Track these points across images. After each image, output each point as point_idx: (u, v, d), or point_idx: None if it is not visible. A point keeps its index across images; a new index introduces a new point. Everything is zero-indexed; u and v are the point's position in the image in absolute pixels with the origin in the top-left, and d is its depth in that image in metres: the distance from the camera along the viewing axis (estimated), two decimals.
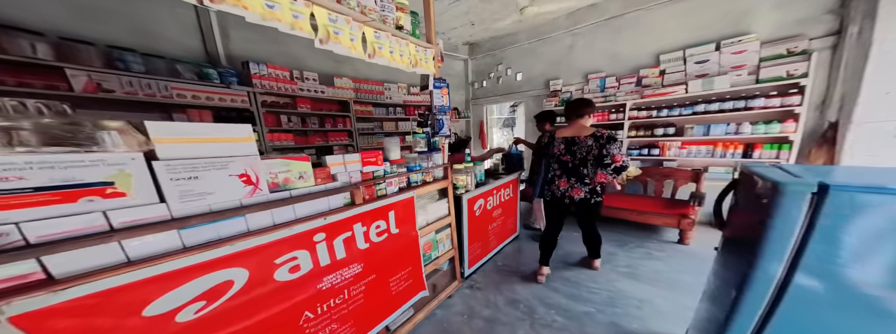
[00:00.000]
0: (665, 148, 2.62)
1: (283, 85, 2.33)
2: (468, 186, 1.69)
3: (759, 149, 2.11)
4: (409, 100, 3.34)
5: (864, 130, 1.60)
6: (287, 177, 0.84)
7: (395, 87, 3.24)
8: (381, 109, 3.13)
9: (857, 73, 1.59)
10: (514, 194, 2.28)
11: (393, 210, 1.16)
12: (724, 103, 2.21)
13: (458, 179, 1.62)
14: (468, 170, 1.70)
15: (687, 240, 2.07)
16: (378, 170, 1.12)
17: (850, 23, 1.63)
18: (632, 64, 2.84)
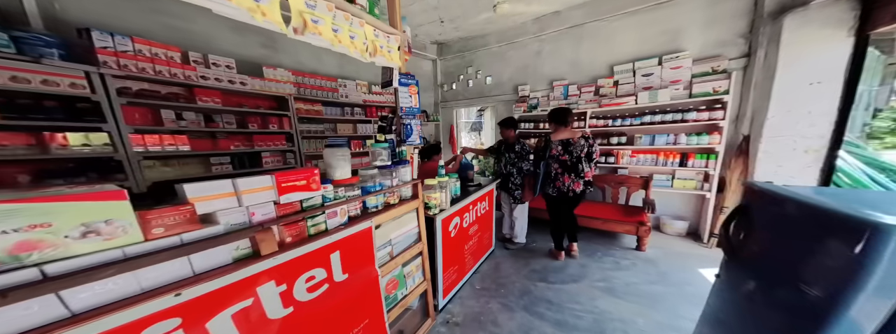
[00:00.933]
0: (619, 156, 2.94)
1: (170, 69, 1.76)
2: (442, 205, 1.52)
3: (692, 158, 2.47)
4: (370, 100, 3.28)
5: (773, 143, 1.96)
6: (39, 239, 0.45)
7: (353, 85, 3.06)
8: (335, 109, 2.94)
9: (766, 92, 1.95)
10: (490, 206, 2.35)
11: (338, 250, 0.94)
12: (666, 115, 2.55)
13: (430, 198, 1.45)
14: (443, 184, 1.52)
15: (644, 246, 2.35)
16: (311, 198, 0.86)
17: (758, 47, 2.00)
18: (591, 73, 3.15)
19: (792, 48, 1.80)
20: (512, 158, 2.32)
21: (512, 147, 2.34)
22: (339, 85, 2.91)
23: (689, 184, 2.59)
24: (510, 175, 2.34)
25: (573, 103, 3.17)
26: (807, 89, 1.79)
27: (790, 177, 1.92)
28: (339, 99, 2.91)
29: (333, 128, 2.94)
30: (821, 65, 1.73)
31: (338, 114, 2.96)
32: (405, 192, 1.32)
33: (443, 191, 1.55)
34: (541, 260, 2.31)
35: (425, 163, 2.35)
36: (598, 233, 2.73)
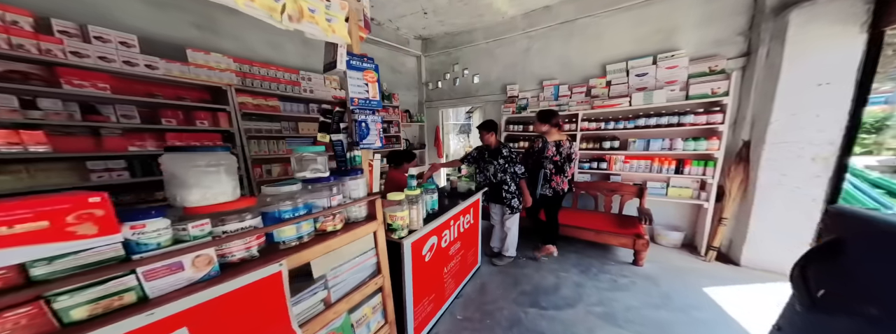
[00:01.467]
0: (612, 161, 2.76)
1: (11, 38, 1.29)
2: (412, 224, 1.24)
3: (688, 165, 2.31)
4: (340, 96, 2.93)
5: (777, 150, 1.81)
6: None
7: (320, 79, 2.70)
8: (298, 105, 2.54)
9: (768, 93, 1.80)
10: (476, 219, 2.09)
11: (184, 326, 0.56)
12: (661, 118, 2.39)
13: (394, 217, 1.16)
14: (413, 199, 1.23)
15: (641, 261, 2.16)
16: (69, 252, 0.45)
17: (760, 45, 1.86)
18: (582, 73, 2.98)
19: (798, 46, 1.65)
20: (502, 164, 2.07)
21: (498, 152, 2.09)
22: (302, 78, 2.54)
23: (685, 193, 2.43)
24: (503, 183, 2.10)
25: (564, 104, 2.98)
26: (814, 91, 1.65)
27: (795, 187, 1.77)
28: (302, 94, 2.53)
29: (294, 126, 2.57)
30: (830, 64, 1.59)
31: (301, 111, 2.59)
32: (356, 213, 1.04)
33: (413, 208, 1.24)
34: (531, 277, 2.07)
35: (393, 170, 2.06)
36: (590, 245, 2.53)
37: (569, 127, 2.95)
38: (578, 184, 2.90)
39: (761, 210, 1.92)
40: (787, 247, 1.85)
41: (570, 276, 2.07)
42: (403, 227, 1.21)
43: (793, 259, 0.76)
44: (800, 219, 1.80)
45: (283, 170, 2.45)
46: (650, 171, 2.55)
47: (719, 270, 2.07)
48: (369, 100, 1.03)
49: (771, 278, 1.91)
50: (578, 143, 2.88)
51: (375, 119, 1.05)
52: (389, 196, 1.17)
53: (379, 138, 1.07)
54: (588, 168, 2.90)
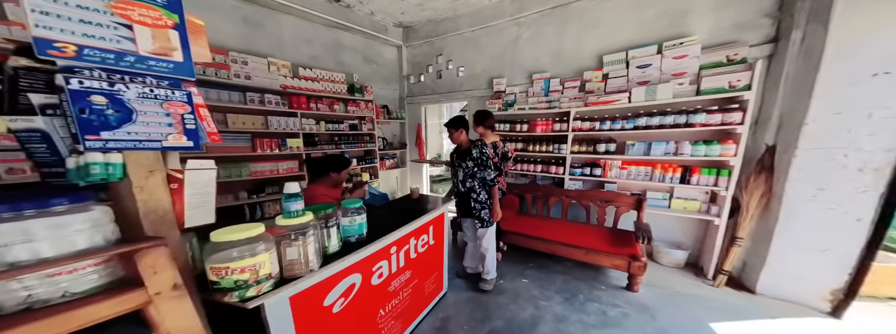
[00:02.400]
0: (607, 167, 2.40)
1: None
2: (300, 268, 0.82)
3: (697, 173, 1.95)
4: (295, 86, 2.51)
5: (812, 157, 1.45)
6: None
7: (263, 63, 2.30)
8: (234, 94, 2.13)
9: (804, 87, 1.44)
10: (439, 237, 1.70)
11: None
12: (665, 117, 2.02)
13: (228, 271, 0.66)
14: (301, 229, 0.81)
15: (636, 286, 1.81)
16: None
17: (793, 28, 1.49)
18: (576, 65, 2.61)
19: (847, 27, 1.29)
20: (470, 168, 1.71)
21: (466, 153, 1.73)
22: (233, 60, 2.12)
23: (692, 206, 2.07)
24: (471, 190, 1.74)
25: (554, 101, 2.62)
26: (867, 83, 1.29)
27: (835, 204, 1.42)
28: (233, 80, 2.09)
29: (221, 119, 2.12)
30: (890, 48, 1.23)
31: (235, 101, 2.16)
32: (76, 284, 0.50)
33: (302, 243, 0.81)
34: (505, 308, 1.71)
35: (315, 185, 1.54)
36: (580, 264, 2.18)
37: (559, 126, 2.59)
38: (569, 193, 2.54)
39: (787, 230, 1.57)
40: (818, 275, 1.51)
41: (551, 306, 1.71)
42: (267, 278, 0.72)
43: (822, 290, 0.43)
44: (837, 244, 1.46)
45: None
46: (651, 180, 2.19)
47: (730, 299, 1.72)
48: (141, 57, 0.57)
49: (793, 311, 1.57)
50: (569, 145, 2.53)
51: (174, 96, 0.63)
52: (216, 235, 0.69)
53: (190, 129, 0.65)
54: (579, 174, 2.55)
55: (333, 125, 2.92)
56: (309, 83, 2.63)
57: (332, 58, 3.11)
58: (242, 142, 2.25)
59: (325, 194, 1.50)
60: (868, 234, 1.36)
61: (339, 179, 1.62)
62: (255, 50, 2.41)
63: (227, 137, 2.15)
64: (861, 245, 1.38)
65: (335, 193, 1.57)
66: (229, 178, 2.17)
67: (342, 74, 3.00)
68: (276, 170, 2.42)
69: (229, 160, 2.21)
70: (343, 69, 3.18)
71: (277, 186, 2.49)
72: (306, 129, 2.62)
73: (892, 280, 1.63)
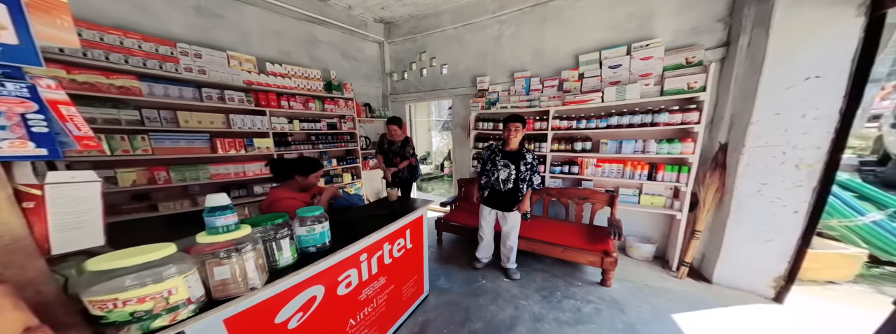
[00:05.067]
0: (584, 165, 2.53)
1: None
2: (238, 287, 0.77)
3: (662, 170, 2.10)
4: (261, 82, 2.43)
5: (757, 155, 1.61)
6: None
7: (220, 57, 2.16)
8: (185, 89, 2.00)
9: (749, 89, 1.59)
10: (418, 240, 1.72)
11: None
12: (634, 116, 2.16)
13: (114, 304, 0.58)
14: (239, 245, 0.77)
15: (609, 281, 1.95)
16: None
17: (741, 33, 1.64)
18: (555, 64, 2.73)
19: (784, 34, 1.44)
20: (521, 172, 1.88)
21: (517, 156, 1.90)
22: (183, 53, 1.97)
23: (658, 202, 2.23)
24: (517, 190, 1.93)
25: (535, 99, 2.73)
26: (802, 86, 1.44)
27: (776, 198, 1.58)
28: (183, 74, 1.97)
29: (171, 116, 1.98)
30: (821, 54, 1.39)
31: (190, 97, 2.04)
32: None
33: (236, 260, 0.77)
34: (485, 309, 1.79)
35: (278, 189, 1.49)
36: (559, 261, 2.30)
37: (539, 125, 2.70)
38: (550, 191, 2.66)
39: (737, 222, 1.73)
40: (763, 264, 1.67)
41: (530, 306, 1.81)
42: (160, 312, 0.63)
43: (767, 277, 0.52)
44: (778, 234, 1.63)
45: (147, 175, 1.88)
46: (622, 177, 2.33)
47: (690, 290, 1.88)
48: None
49: (742, 298, 1.74)
50: (549, 144, 2.64)
51: (5, 90, 0.52)
52: (93, 263, 0.59)
53: (39, 134, 0.55)
54: (559, 172, 2.67)
55: (310, 124, 2.91)
56: (279, 79, 2.59)
57: (305, 53, 3.08)
58: (200, 142, 2.12)
59: (288, 198, 1.44)
60: (803, 225, 1.52)
61: (305, 183, 1.54)
62: (213, 42, 2.30)
63: (180, 137, 2.02)
64: (798, 234, 1.54)
65: (302, 198, 1.53)
66: (183, 182, 2.03)
67: (318, 71, 2.98)
68: (242, 172, 2.35)
69: (183, 162, 2.07)
70: (319, 65, 3.16)
71: (245, 189, 2.45)
72: (277, 129, 2.59)
73: (829, 265, 1.83)
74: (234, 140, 2.27)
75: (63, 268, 0.66)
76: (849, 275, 1.99)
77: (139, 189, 1.88)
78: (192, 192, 2.20)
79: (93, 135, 0.64)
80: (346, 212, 1.56)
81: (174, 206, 2.02)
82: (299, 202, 1.47)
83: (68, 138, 0.59)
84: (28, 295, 0.55)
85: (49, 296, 0.58)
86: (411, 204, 1.78)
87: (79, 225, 0.62)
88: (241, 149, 2.32)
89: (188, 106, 2.08)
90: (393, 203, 1.79)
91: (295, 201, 1.45)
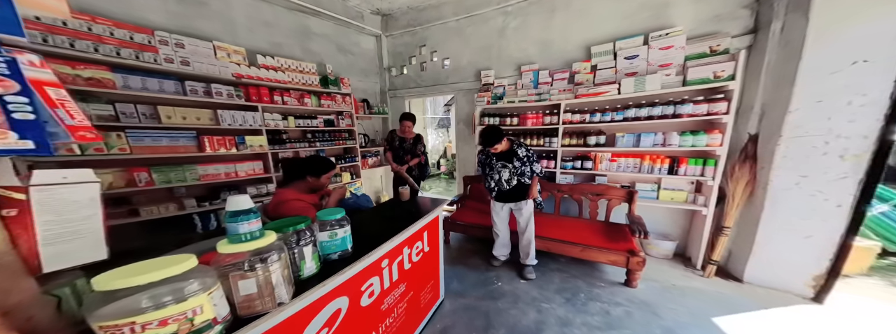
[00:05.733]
0: (597, 160, 2.41)
1: None
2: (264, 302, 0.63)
3: (684, 163, 1.99)
4: (250, 75, 2.16)
5: (795, 145, 1.50)
6: None
7: (205, 47, 1.92)
8: (167, 82, 1.76)
9: (786, 76, 1.48)
10: (433, 242, 1.55)
11: None
12: (654, 108, 2.04)
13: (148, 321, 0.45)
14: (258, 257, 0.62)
15: (635, 281, 1.81)
16: None
17: (773, 18, 1.54)
18: (564, 56, 2.60)
19: (826, 15, 1.33)
20: (517, 167, 1.90)
21: (509, 155, 1.88)
22: (162, 42, 1.73)
23: (679, 196, 2.12)
24: (521, 184, 1.92)
25: (544, 93, 2.59)
26: (847, 71, 1.34)
27: (816, 191, 1.48)
28: (164, 65, 1.72)
29: (152, 111, 1.74)
30: (868, 36, 1.29)
31: (172, 91, 1.80)
32: None
33: (262, 272, 0.63)
34: (505, 313, 1.64)
35: (287, 190, 1.35)
36: (574, 260, 2.16)
37: (549, 119, 2.57)
38: (561, 187, 2.53)
39: (772, 218, 1.63)
40: (801, 262, 1.58)
41: (553, 309, 1.66)
42: None
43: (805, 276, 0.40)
44: (819, 230, 1.52)
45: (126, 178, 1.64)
46: (639, 171, 2.22)
47: (722, 290, 1.77)
48: None
49: (779, 299, 1.63)
50: (560, 139, 2.51)
51: None
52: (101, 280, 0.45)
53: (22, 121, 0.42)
54: (571, 168, 2.54)
55: (305, 121, 2.68)
56: (271, 73, 2.35)
57: (298, 45, 2.84)
58: (185, 140, 1.87)
59: (296, 199, 1.31)
60: (848, 220, 1.43)
61: (316, 184, 1.40)
62: (197, 32, 2.04)
63: (161, 135, 1.77)
64: (841, 230, 1.45)
65: (310, 199, 1.39)
66: (168, 184, 1.80)
67: (313, 65, 2.75)
68: (234, 172, 2.11)
69: (167, 162, 1.84)
70: (313, 58, 2.93)
71: (237, 191, 2.21)
72: (271, 125, 2.35)
73: (859, 257, 1.77)
74: (224, 138, 2.03)
75: (55, 288, 0.52)
76: (862, 268, 1.94)
77: (117, 192, 1.63)
78: (179, 195, 1.94)
79: (90, 125, 0.50)
80: (355, 214, 1.39)
81: (158, 211, 1.78)
82: (307, 204, 1.34)
83: (59, 128, 0.46)
84: (17, 322, 0.43)
85: (42, 322, 0.48)
86: (427, 204, 1.61)
87: (75, 236, 0.50)
88: (232, 147, 2.08)
89: (170, 100, 1.83)
90: (406, 203, 1.63)
91: (303, 203, 1.32)
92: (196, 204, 1.94)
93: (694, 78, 1.84)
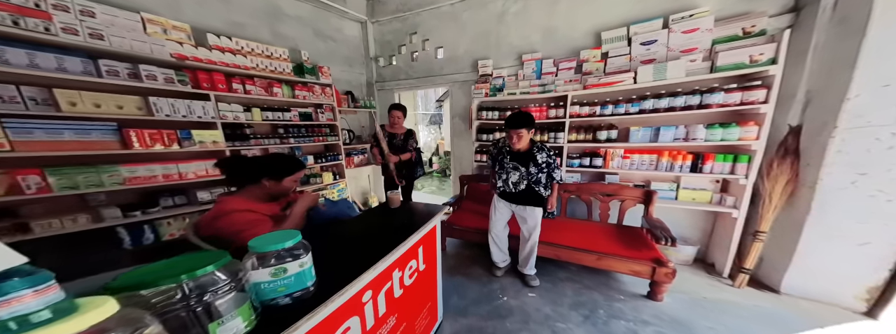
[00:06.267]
0: (608, 157, 2.15)
1: None
2: None
3: (710, 160, 1.76)
4: (198, 57, 1.73)
5: (854, 138, 1.27)
6: None
7: (132, 19, 1.49)
8: (69, 59, 1.31)
9: (844, 58, 1.24)
10: (431, 259, 1.25)
11: None
12: (676, 99, 1.80)
13: None
14: None
15: (661, 294, 1.56)
16: None
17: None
18: (570, 43, 2.32)
19: None
20: (533, 174, 1.61)
21: (527, 157, 1.60)
22: (60, 6, 1.28)
23: (702, 196, 1.89)
24: (532, 190, 1.64)
25: (549, 84, 2.31)
26: None
27: (877, 191, 1.26)
28: (61, 37, 1.27)
29: (46, 96, 1.27)
30: None
31: (78, 71, 1.35)
32: None
33: None
34: (515, 330, 1.36)
35: (233, 197, 0.99)
36: (584, 268, 1.89)
37: (554, 112, 2.29)
38: (568, 187, 2.26)
39: (817, 222, 1.41)
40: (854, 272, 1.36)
41: (570, 330, 1.38)
42: None
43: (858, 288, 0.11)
44: (878, 237, 1.31)
45: None
46: (656, 169, 1.97)
47: (760, 303, 1.54)
48: None
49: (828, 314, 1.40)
50: (566, 134, 2.24)
51: None
52: None
53: None
54: (578, 165, 2.27)
55: (275, 113, 2.25)
56: (229, 57, 1.90)
57: (266, 27, 2.39)
58: (101, 133, 1.41)
59: (244, 210, 0.93)
60: None
61: (277, 190, 1.04)
62: (123, 1, 1.56)
63: (63, 126, 1.31)
64: None
65: (267, 209, 1.02)
66: (74, 190, 1.35)
67: (284, 50, 2.33)
68: (177, 173, 1.67)
69: (74, 161, 1.37)
70: (286, 44, 2.49)
71: (185, 196, 1.77)
72: (229, 118, 1.91)
73: None
74: (161, 131, 1.58)
75: None
76: None
77: None
78: (95, 204, 1.49)
79: None
80: (331, 228, 1.03)
81: (61, 225, 1.33)
82: (261, 216, 0.97)
83: None
84: None
85: None
86: (421, 210, 1.27)
87: None
88: (173, 143, 1.64)
89: (75, 83, 1.36)
90: (397, 210, 1.28)
91: (255, 215, 0.95)
92: (122, 214, 1.49)
93: (725, 63, 1.60)
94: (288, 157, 1.10)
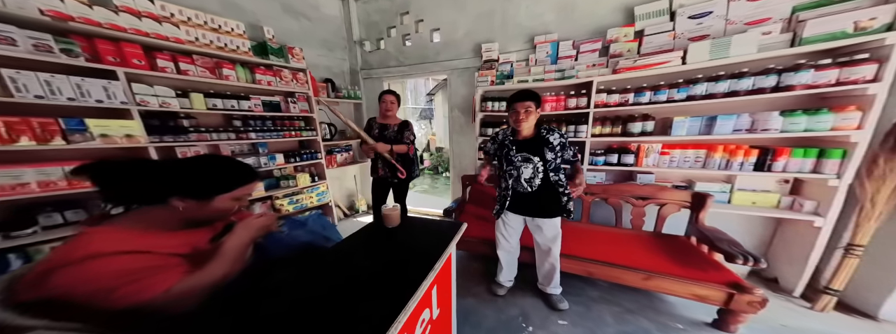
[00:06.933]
0: (643, 152, 1.76)
1: None
2: None
3: (783, 155, 1.38)
4: (93, 20, 1.17)
5: None
6: None
7: None
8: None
9: None
10: (446, 299, 0.79)
11: None
12: (739, 81, 1.41)
13: None
14: None
15: (735, 325, 1.18)
16: None
17: None
18: (594, 22, 1.90)
19: None
20: (551, 161, 1.23)
21: (538, 143, 1.23)
22: None
23: (765, 200, 1.53)
24: (557, 184, 1.25)
25: (568, 70, 1.89)
26: None
27: None
28: None
29: None
30: None
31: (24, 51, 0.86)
32: None
33: None
34: None
35: (112, 224, 0.51)
36: (617, 285, 1.48)
37: (574, 102, 1.87)
38: (592, 188, 1.85)
39: None
40: None
41: None
42: None
43: None
44: None
45: None
46: (704, 167, 1.60)
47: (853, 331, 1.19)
48: None
49: None
50: (590, 127, 1.83)
51: None
52: None
53: None
54: (603, 163, 1.87)
55: (228, 101, 1.67)
56: (149, 24, 1.31)
57: None
58: None
59: (132, 252, 0.46)
60: None
61: (205, 212, 0.58)
62: None
63: None
64: None
65: (182, 243, 0.54)
66: None
67: (240, 23, 1.74)
68: (65, 180, 1.08)
69: None
70: (242, 17, 1.88)
71: (83, 210, 1.17)
72: (150, 104, 1.32)
73: None
74: (27, 119, 0.99)
75: None
76: None
77: None
78: None
79: None
80: (296, 264, 0.54)
81: None
82: (162, 258, 0.51)
83: None
84: None
85: None
86: (434, 231, 0.78)
87: None
88: (54, 137, 1.04)
89: None
90: (394, 232, 0.80)
91: (145, 259, 0.48)
92: None
93: (815, 33, 1.22)
94: (225, 163, 0.62)
